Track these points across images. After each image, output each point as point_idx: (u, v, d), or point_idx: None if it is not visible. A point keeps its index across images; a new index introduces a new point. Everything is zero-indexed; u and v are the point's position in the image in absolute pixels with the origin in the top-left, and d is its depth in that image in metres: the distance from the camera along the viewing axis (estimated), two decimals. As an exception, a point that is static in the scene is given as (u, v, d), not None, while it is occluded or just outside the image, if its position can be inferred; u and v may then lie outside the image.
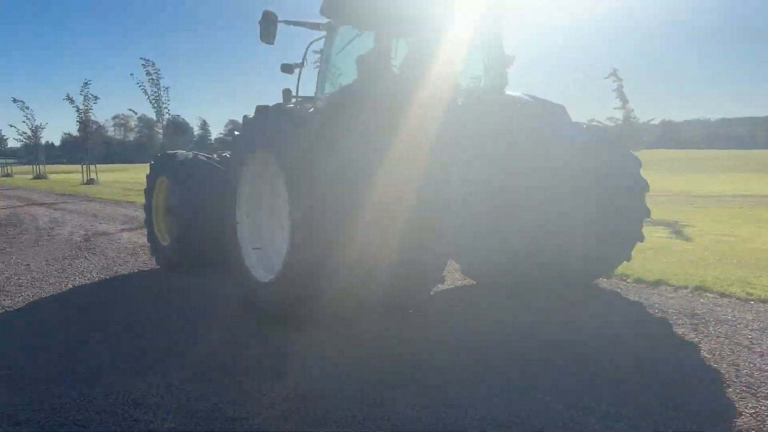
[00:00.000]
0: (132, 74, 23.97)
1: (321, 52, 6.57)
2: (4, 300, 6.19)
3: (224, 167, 6.98)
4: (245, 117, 5.70)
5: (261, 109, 5.36)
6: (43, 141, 46.90)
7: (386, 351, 4.47)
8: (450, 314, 5.77)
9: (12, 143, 50.92)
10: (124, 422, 3.30)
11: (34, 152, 48.23)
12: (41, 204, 18.44)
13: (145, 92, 23.47)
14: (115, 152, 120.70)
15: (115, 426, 3.26)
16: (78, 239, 10.61)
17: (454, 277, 6.85)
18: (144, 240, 8.94)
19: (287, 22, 6.36)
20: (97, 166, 36.23)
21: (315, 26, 6.48)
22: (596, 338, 4.71)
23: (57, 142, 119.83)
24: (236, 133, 6.09)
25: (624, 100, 16.64)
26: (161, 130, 26.51)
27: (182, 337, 4.86)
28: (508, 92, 6.13)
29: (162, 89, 23.63)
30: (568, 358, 4.26)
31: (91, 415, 3.41)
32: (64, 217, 14.40)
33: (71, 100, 33.45)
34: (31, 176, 43.55)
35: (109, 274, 7.57)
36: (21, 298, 6.29)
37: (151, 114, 25.15)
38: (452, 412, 3.38)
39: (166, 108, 24.13)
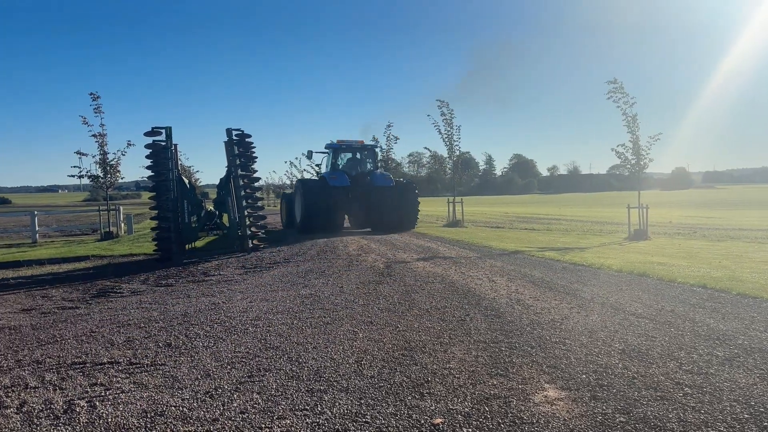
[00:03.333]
0: (429, 115, 25.87)
1: (323, 159, 24.63)
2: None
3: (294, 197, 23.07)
4: (297, 180, 28.78)
5: (300, 180, 26.20)
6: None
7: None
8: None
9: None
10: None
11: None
12: (351, 234, 20.83)
13: (439, 132, 24.91)
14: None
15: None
16: (380, 266, 11.68)
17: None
18: (434, 268, 9.52)
19: (317, 152, 24.42)
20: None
21: (323, 154, 24.22)
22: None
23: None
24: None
25: None
26: (450, 166, 27.89)
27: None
28: (376, 171, 22.91)
29: (454, 128, 24.86)
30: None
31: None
32: (370, 245, 16.04)
33: (376, 141, 37.53)
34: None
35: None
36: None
37: (443, 151, 26.63)
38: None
39: (457, 145, 25.32)
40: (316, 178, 24.68)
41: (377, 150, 24.26)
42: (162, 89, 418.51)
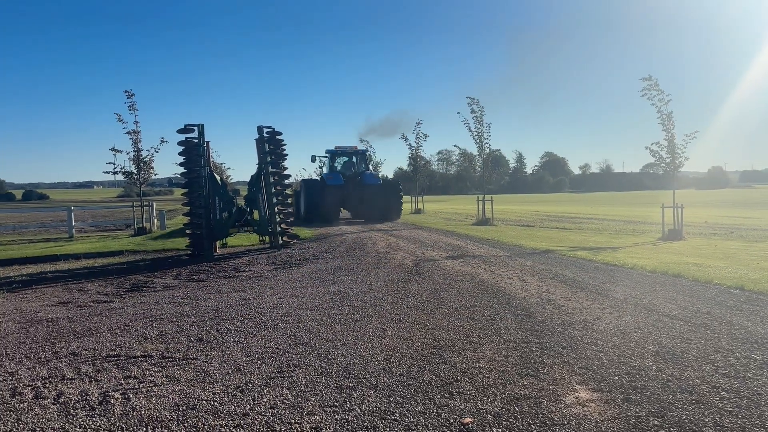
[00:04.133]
0: (458, 112, 25.74)
1: (324, 162, 29.91)
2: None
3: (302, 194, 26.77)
4: (301, 180, 34.51)
5: (303, 180, 32.39)
6: (380, 175, 53.17)
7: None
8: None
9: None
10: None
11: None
12: (379, 230, 20.86)
13: (469, 129, 24.70)
14: (436, 184, 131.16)
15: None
16: (409, 264, 11.66)
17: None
18: (464, 267, 9.43)
19: (319, 156, 29.61)
20: (423, 196, 39.69)
21: (324, 157, 29.36)
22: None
23: (390, 175, 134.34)
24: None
25: None
26: (480, 164, 27.65)
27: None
28: (366, 172, 27.92)
29: (485, 126, 24.63)
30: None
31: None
32: (398, 243, 16.03)
33: (405, 138, 37.48)
34: (369, 205, 49.84)
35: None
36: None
37: (473, 149, 26.47)
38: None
39: (487, 143, 25.11)
40: (318, 178, 30.45)
41: (368, 154, 29.97)
42: (195, 87, 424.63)
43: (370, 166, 41.11)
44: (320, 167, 30.24)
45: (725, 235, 18.15)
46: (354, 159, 29.16)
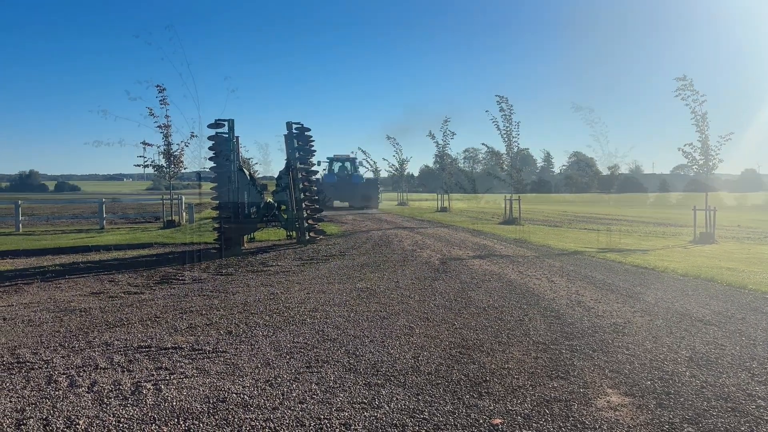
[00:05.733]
0: (487, 111, 25.53)
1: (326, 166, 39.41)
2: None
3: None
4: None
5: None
6: (406, 172, 53.09)
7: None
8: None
9: (383, 173, 58.57)
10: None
11: (399, 182, 55.15)
12: (405, 228, 20.83)
13: (498, 127, 24.54)
14: (461, 182, 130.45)
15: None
16: (435, 262, 11.62)
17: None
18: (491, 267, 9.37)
19: (323, 161, 38.59)
20: (449, 194, 39.52)
21: (325, 162, 39.34)
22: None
23: (416, 173, 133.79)
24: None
25: None
26: (508, 162, 27.39)
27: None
28: (355, 173, 38.78)
29: (513, 124, 24.44)
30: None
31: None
32: (424, 241, 16.00)
33: (433, 136, 37.35)
34: (395, 203, 49.74)
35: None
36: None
37: (500, 147, 26.27)
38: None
39: (515, 142, 24.92)
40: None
41: (357, 160, 40.96)
42: (227, 81, 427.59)
43: (396, 164, 46.27)
44: (324, 170, 39.66)
45: (759, 239, 17.75)
46: (347, 164, 39.46)
